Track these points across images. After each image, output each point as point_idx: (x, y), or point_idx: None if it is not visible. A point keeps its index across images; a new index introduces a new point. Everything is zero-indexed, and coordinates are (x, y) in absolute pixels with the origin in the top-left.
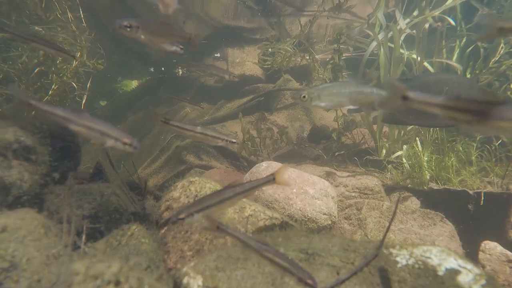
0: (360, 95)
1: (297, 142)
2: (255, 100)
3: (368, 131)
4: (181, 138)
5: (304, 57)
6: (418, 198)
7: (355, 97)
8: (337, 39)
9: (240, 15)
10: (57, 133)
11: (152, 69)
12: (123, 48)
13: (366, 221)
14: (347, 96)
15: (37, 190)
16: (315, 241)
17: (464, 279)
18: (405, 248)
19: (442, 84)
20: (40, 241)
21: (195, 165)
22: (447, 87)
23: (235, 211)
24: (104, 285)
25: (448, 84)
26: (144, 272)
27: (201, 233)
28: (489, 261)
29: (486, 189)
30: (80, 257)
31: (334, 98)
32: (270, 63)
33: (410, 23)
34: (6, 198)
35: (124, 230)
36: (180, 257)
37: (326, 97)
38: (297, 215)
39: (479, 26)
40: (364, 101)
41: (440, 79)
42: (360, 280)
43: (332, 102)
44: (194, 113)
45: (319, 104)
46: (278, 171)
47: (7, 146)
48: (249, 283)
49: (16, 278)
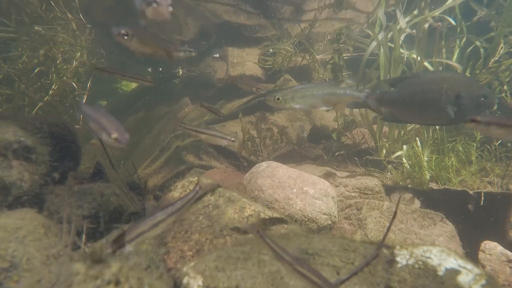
0: (333, 96)
1: (297, 142)
2: (255, 100)
3: (368, 131)
4: (181, 138)
5: (305, 57)
6: (418, 198)
7: (328, 98)
8: (337, 38)
9: (241, 13)
10: (57, 133)
11: (149, 69)
12: (123, 48)
13: (366, 221)
14: (320, 98)
15: (37, 190)
16: (315, 241)
17: (464, 279)
18: (405, 248)
19: (442, 81)
20: (40, 241)
21: (195, 165)
22: (447, 85)
23: (235, 211)
24: (104, 285)
25: (448, 82)
26: (144, 272)
27: (201, 233)
28: (489, 261)
29: (486, 189)
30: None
31: (307, 100)
32: (271, 63)
33: (410, 22)
34: (6, 198)
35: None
36: (180, 257)
37: (300, 99)
38: (297, 215)
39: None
40: (337, 102)
41: (440, 77)
42: (360, 280)
43: (305, 103)
44: (194, 113)
45: (293, 106)
46: (204, 183)
47: (7, 146)
48: (249, 283)
49: (16, 278)
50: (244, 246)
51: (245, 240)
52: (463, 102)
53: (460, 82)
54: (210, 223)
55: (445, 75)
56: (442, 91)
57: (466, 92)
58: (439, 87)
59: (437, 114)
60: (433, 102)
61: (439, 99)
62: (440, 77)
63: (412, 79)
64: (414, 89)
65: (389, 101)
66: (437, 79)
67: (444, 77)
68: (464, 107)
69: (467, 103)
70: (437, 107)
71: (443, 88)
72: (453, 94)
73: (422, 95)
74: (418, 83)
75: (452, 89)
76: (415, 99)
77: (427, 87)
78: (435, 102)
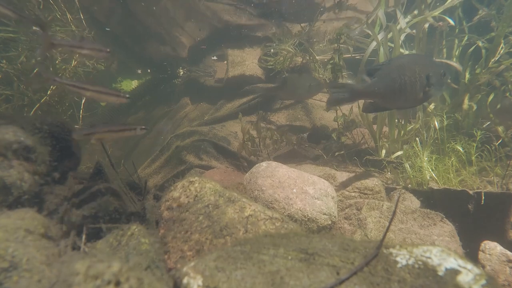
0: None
1: (297, 142)
2: (255, 100)
3: (368, 131)
4: (181, 138)
5: (305, 57)
6: (418, 198)
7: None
8: (337, 38)
9: (241, 13)
10: (57, 133)
11: (148, 70)
12: (123, 48)
13: (366, 221)
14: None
15: (37, 190)
16: (315, 241)
17: (464, 279)
18: (405, 248)
19: (413, 65)
20: (40, 241)
21: (195, 165)
22: (418, 67)
23: (235, 211)
24: (104, 285)
25: (418, 64)
26: (144, 272)
27: (201, 233)
28: (489, 261)
29: (486, 189)
30: (80, 257)
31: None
32: (272, 63)
33: (410, 22)
34: (6, 198)
35: (124, 230)
36: (180, 257)
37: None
38: (297, 215)
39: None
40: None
41: (411, 60)
42: (360, 280)
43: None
44: (194, 113)
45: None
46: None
47: (7, 146)
48: (249, 283)
49: (16, 278)
50: (244, 246)
51: (245, 240)
52: (432, 81)
53: (426, 63)
54: (210, 223)
55: (414, 58)
56: (415, 74)
57: (432, 71)
58: (413, 70)
59: (414, 96)
60: (410, 85)
61: (415, 81)
62: (411, 60)
63: (387, 66)
64: (393, 75)
65: (374, 92)
66: (409, 62)
67: (414, 60)
68: (432, 86)
69: (434, 82)
70: (414, 89)
71: (415, 71)
72: (424, 75)
73: (400, 80)
74: (395, 69)
75: (422, 71)
76: (395, 85)
77: (403, 72)
78: (411, 85)
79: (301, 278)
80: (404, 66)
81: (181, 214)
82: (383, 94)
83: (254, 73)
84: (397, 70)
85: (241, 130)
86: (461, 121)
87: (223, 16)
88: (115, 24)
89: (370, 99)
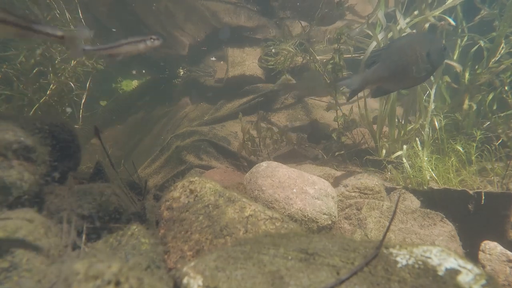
0: None
1: (297, 142)
2: (255, 100)
3: (368, 131)
4: (181, 138)
5: (305, 57)
6: (418, 198)
7: None
8: (337, 38)
9: (241, 13)
10: (57, 133)
11: (143, 71)
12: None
13: (366, 221)
14: None
15: (37, 190)
16: (315, 241)
17: (464, 279)
18: (405, 248)
19: (413, 44)
20: (40, 241)
21: (195, 165)
22: (418, 46)
23: (235, 211)
24: (104, 285)
25: (418, 43)
26: (144, 272)
27: (201, 233)
28: (489, 261)
29: (486, 189)
30: (80, 257)
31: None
32: (273, 63)
33: (410, 22)
34: (6, 198)
35: (124, 230)
36: (180, 257)
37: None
38: (297, 215)
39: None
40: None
41: (410, 40)
42: (360, 280)
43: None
44: (194, 113)
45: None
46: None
47: (7, 146)
48: (249, 283)
49: (16, 278)
50: (244, 246)
51: (245, 240)
52: (433, 57)
53: (424, 40)
54: (210, 223)
55: (413, 38)
56: (416, 53)
57: (432, 48)
58: (413, 49)
59: (418, 73)
60: (412, 64)
61: (416, 60)
62: (410, 40)
63: (387, 49)
64: (394, 58)
65: (379, 76)
66: (408, 43)
67: (413, 40)
68: (434, 62)
69: (435, 58)
70: (416, 68)
71: (416, 49)
72: (424, 53)
73: (402, 61)
74: (395, 51)
75: (422, 49)
76: (397, 67)
77: (404, 53)
78: (413, 64)
79: (301, 278)
80: (404, 46)
81: (181, 214)
82: (388, 76)
83: (254, 73)
84: (397, 52)
85: (241, 130)
86: (461, 121)
87: (222, 17)
88: (115, 24)
89: (376, 84)
